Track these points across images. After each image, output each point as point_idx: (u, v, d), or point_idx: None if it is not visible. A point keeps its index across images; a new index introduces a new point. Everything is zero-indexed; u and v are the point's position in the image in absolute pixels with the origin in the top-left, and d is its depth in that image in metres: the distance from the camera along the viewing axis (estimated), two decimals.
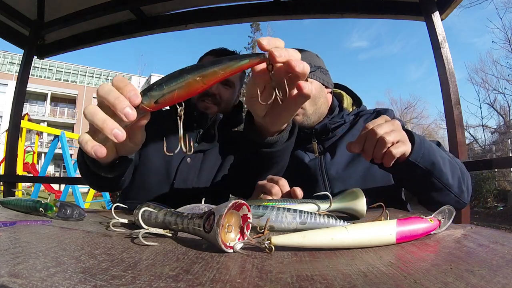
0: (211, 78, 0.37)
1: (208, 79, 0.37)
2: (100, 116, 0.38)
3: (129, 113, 0.37)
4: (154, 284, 0.22)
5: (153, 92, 0.38)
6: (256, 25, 20.88)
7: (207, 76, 0.37)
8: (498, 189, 8.78)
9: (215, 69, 0.37)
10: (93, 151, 0.38)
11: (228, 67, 0.37)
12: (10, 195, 2.11)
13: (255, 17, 2.07)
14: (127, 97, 0.38)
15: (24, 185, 10.01)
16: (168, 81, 0.38)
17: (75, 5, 2.03)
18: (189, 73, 0.37)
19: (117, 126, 0.37)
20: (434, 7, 1.64)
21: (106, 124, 0.37)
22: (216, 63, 0.37)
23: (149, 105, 0.38)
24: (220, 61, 0.38)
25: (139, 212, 0.38)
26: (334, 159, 0.90)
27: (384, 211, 0.44)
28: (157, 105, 0.38)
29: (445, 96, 1.58)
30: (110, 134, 0.37)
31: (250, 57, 0.39)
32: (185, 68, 0.38)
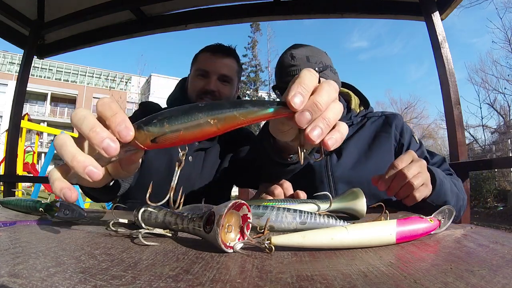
0: (228, 123, 0.30)
1: (223, 124, 0.30)
2: (69, 150, 0.31)
3: (109, 148, 0.30)
4: (154, 284, 0.22)
5: (152, 128, 0.31)
6: (256, 25, 20.88)
7: (224, 120, 0.30)
8: (498, 189, 8.78)
9: (235, 113, 0.30)
10: (62, 194, 0.31)
11: (250, 114, 0.30)
12: (10, 195, 2.11)
13: (255, 17, 2.08)
14: (116, 131, 0.30)
15: (24, 185, 10.01)
16: (173, 117, 0.30)
17: (75, 5, 2.03)
18: (202, 112, 0.30)
19: (91, 163, 0.30)
20: (434, 7, 1.65)
21: (77, 161, 0.30)
22: (236, 106, 0.30)
23: (144, 143, 0.31)
24: (241, 104, 0.31)
25: (139, 212, 0.38)
26: (340, 160, 0.90)
27: (384, 211, 0.44)
28: (154, 145, 0.31)
29: (445, 96, 1.58)
30: (83, 173, 0.30)
31: (277, 107, 0.32)
32: (198, 105, 0.31)
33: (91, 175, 0.30)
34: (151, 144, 0.31)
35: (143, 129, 0.31)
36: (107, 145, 0.30)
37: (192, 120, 0.30)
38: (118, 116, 0.31)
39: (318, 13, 1.99)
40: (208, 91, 0.99)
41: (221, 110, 0.30)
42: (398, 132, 0.93)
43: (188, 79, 1.09)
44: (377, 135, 0.94)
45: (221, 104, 0.31)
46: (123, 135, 0.30)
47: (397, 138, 0.93)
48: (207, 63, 1.02)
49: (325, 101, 0.32)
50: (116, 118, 0.31)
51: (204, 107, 0.30)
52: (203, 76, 1.01)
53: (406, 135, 0.92)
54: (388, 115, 0.98)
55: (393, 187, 0.62)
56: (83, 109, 0.33)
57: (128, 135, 0.30)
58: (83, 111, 0.33)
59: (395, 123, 0.94)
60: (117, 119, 0.31)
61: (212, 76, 1.01)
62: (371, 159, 0.89)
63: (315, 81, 0.33)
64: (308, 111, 0.31)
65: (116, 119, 0.31)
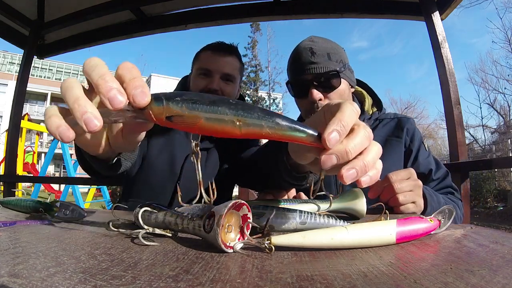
0: (252, 131, 0.28)
1: (247, 130, 0.28)
2: (74, 92, 0.29)
3: (115, 99, 0.27)
4: (154, 284, 0.22)
5: (172, 104, 0.28)
6: (256, 25, 20.88)
7: (249, 126, 0.28)
8: (498, 189, 8.78)
9: (263, 123, 0.28)
10: (57, 132, 0.28)
11: (278, 130, 0.29)
12: (10, 195, 2.11)
13: (255, 17, 2.08)
14: (131, 95, 0.28)
15: (24, 185, 10.01)
16: (199, 103, 0.28)
17: (75, 5, 2.03)
18: (231, 109, 0.28)
19: (93, 110, 0.27)
20: (434, 7, 1.65)
21: (78, 103, 0.28)
22: (266, 117, 0.28)
23: (158, 116, 0.29)
24: (272, 116, 0.29)
25: (139, 212, 0.38)
26: None
27: (384, 211, 0.44)
28: (167, 122, 0.29)
29: (445, 96, 1.58)
30: (80, 119, 0.27)
31: (309, 134, 0.30)
32: (229, 100, 0.29)
33: (88, 123, 0.27)
34: (164, 120, 0.29)
35: (162, 102, 0.29)
36: (113, 95, 0.27)
37: (218, 113, 0.28)
38: (137, 81, 0.29)
39: (318, 13, 1.99)
40: (211, 90, 0.97)
41: (251, 115, 0.28)
42: (409, 137, 0.90)
43: (190, 77, 1.07)
44: (388, 139, 0.91)
45: (253, 108, 0.29)
46: (138, 99, 0.28)
47: (407, 143, 0.90)
48: (209, 62, 1.01)
49: (356, 149, 0.30)
50: (135, 82, 0.29)
51: (235, 105, 0.28)
52: (206, 75, 1.00)
53: (416, 141, 0.89)
54: (400, 118, 0.94)
55: (382, 198, 0.63)
56: (98, 58, 0.31)
57: (142, 100, 0.28)
58: (98, 60, 0.31)
59: (407, 127, 0.91)
60: (135, 83, 0.28)
61: (214, 75, 0.99)
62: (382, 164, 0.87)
63: (355, 119, 0.31)
64: (335, 156, 0.30)
65: (134, 82, 0.29)
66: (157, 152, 0.95)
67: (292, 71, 0.91)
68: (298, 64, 0.87)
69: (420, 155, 0.87)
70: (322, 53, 0.85)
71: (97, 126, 0.27)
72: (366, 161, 0.31)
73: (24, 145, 9.28)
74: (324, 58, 0.84)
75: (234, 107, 0.28)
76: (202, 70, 1.00)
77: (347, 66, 0.88)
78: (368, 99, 0.99)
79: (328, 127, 0.29)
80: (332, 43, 0.90)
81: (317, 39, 0.90)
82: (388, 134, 0.92)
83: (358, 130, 0.31)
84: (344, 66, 0.86)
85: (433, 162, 0.87)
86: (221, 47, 1.04)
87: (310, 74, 0.84)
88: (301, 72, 0.86)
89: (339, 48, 0.90)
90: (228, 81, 1.01)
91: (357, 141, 0.30)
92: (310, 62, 0.84)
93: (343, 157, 0.30)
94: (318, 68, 0.84)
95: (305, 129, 0.30)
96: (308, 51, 0.85)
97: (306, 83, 0.85)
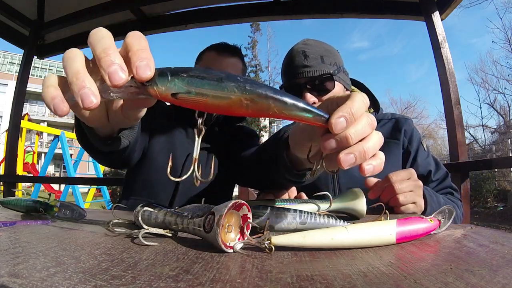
0: (260, 110, 0.27)
1: (255, 108, 0.27)
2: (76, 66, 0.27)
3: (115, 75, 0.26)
4: (154, 284, 0.22)
5: (178, 81, 0.27)
6: (256, 25, 20.88)
7: (257, 105, 0.27)
8: (498, 189, 8.79)
9: (271, 103, 0.27)
10: (52, 104, 0.27)
11: (286, 110, 0.28)
12: (10, 195, 2.12)
13: (255, 17, 2.08)
14: (134, 66, 0.26)
15: (24, 185, 10.01)
16: (206, 80, 0.27)
17: (75, 5, 2.03)
18: (239, 88, 0.27)
19: (91, 85, 0.26)
20: (434, 7, 1.65)
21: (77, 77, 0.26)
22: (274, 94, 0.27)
23: (163, 93, 0.27)
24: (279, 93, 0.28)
25: (139, 212, 0.38)
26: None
27: (384, 211, 0.44)
28: (172, 99, 0.28)
29: (445, 96, 1.58)
30: (77, 94, 0.26)
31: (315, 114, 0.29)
32: (236, 77, 0.27)
33: (84, 99, 0.26)
34: (170, 98, 0.27)
35: (168, 79, 0.27)
36: (114, 71, 0.26)
37: (225, 91, 0.27)
38: (144, 52, 0.27)
39: (318, 13, 1.99)
40: None
41: (259, 93, 0.27)
42: (407, 138, 0.90)
43: None
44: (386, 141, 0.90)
45: (261, 87, 0.27)
46: (141, 72, 0.26)
47: (405, 144, 0.89)
48: (213, 63, 1.00)
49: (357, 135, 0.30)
50: (141, 53, 0.27)
51: (243, 82, 0.27)
52: None
53: (414, 142, 0.89)
54: (398, 119, 0.93)
55: (382, 198, 0.63)
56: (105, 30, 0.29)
57: (145, 73, 0.26)
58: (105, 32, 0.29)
59: (405, 128, 0.91)
60: (141, 54, 0.27)
61: None
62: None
63: (364, 110, 0.31)
64: (335, 140, 0.30)
65: (140, 54, 0.27)
66: (158, 150, 0.95)
67: (286, 75, 0.90)
68: (291, 67, 0.87)
69: (418, 156, 0.87)
70: (315, 56, 0.84)
71: (93, 103, 0.26)
72: (366, 147, 0.31)
73: (24, 145, 9.28)
74: (317, 61, 0.84)
75: (242, 84, 0.27)
76: None
77: (341, 69, 0.87)
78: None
79: (337, 111, 0.29)
80: (326, 45, 0.90)
81: (311, 41, 0.89)
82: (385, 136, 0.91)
83: (361, 117, 0.31)
84: (338, 68, 0.86)
85: (432, 163, 0.87)
86: (225, 48, 1.03)
87: (303, 78, 0.84)
88: (294, 76, 0.86)
89: (333, 51, 0.90)
90: None
91: (358, 127, 0.30)
92: (303, 65, 0.84)
93: (343, 141, 0.30)
94: (311, 71, 0.83)
95: (312, 109, 0.29)
96: (301, 54, 0.85)
97: (300, 87, 0.85)
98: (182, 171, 0.94)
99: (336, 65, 0.86)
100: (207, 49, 1.05)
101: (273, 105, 0.27)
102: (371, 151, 0.31)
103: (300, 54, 0.85)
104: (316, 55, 0.85)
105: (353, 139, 0.30)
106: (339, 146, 0.30)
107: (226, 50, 1.02)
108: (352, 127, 0.30)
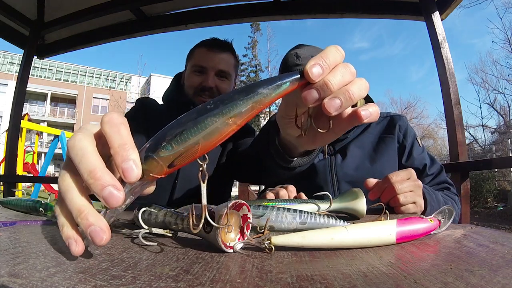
0: (247, 116, 0.27)
1: (242, 119, 0.27)
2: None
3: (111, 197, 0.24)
4: (154, 284, 0.22)
5: (164, 152, 0.26)
6: (256, 25, 20.87)
7: (241, 115, 0.27)
8: (498, 189, 8.78)
9: (251, 103, 0.27)
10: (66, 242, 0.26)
11: (266, 98, 0.28)
12: (10, 195, 2.11)
13: (255, 17, 2.08)
14: (120, 169, 0.24)
15: (24, 185, 10.01)
16: (186, 131, 0.26)
17: (75, 5, 2.03)
18: (216, 115, 0.26)
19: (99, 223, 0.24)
20: (434, 7, 1.65)
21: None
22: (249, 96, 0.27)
23: (160, 172, 0.26)
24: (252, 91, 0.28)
25: (139, 212, 0.38)
26: (344, 161, 0.90)
27: (384, 211, 0.44)
28: (172, 169, 0.27)
29: (445, 96, 1.58)
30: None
31: (291, 80, 0.29)
32: (207, 107, 0.26)
33: (94, 237, 0.24)
34: (168, 170, 0.27)
35: (154, 158, 0.26)
36: (108, 194, 0.24)
37: (208, 126, 0.26)
38: (126, 149, 0.25)
39: (318, 13, 1.99)
40: (205, 87, 0.97)
41: (236, 105, 0.27)
42: (401, 134, 0.93)
43: (184, 75, 1.06)
44: (381, 137, 0.93)
45: (232, 98, 0.27)
46: (128, 175, 0.24)
47: (400, 139, 0.92)
48: (203, 59, 1.00)
49: (337, 81, 0.29)
50: (124, 152, 0.25)
51: (216, 108, 0.26)
52: (200, 72, 0.99)
53: (409, 138, 0.92)
54: (393, 116, 0.97)
55: (382, 198, 0.64)
56: (81, 136, 0.27)
57: (132, 174, 0.24)
58: (82, 141, 0.26)
59: (399, 124, 0.94)
60: (124, 153, 0.25)
61: (209, 72, 0.99)
62: (376, 161, 0.89)
63: (339, 59, 0.30)
64: (315, 89, 0.29)
65: (123, 152, 0.25)
66: None
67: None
68: (284, 68, 0.93)
69: (414, 151, 0.90)
70: (306, 56, 0.90)
71: (104, 240, 0.24)
72: (351, 90, 0.30)
73: (24, 145, 9.28)
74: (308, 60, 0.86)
75: (217, 110, 0.26)
76: (197, 67, 1.00)
77: None
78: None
79: (309, 62, 0.29)
80: (319, 48, 0.95)
81: (303, 45, 0.95)
82: (381, 132, 0.95)
83: (339, 65, 0.30)
84: None
85: (427, 157, 0.89)
86: (215, 44, 1.03)
87: None
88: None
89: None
90: (223, 77, 1.01)
91: (337, 73, 0.29)
92: (295, 64, 0.90)
93: (323, 89, 0.29)
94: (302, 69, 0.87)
95: (286, 78, 0.29)
96: (294, 55, 0.91)
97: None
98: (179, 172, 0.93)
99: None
100: (198, 46, 1.05)
101: (254, 104, 0.27)
102: (356, 94, 0.30)
103: (293, 56, 0.92)
104: (307, 55, 0.90)
105: (333, 85, 0.29)
106: (321, 95, 0.29)
107: (217, 46, 1.02)
108: (330, 74, 0.29)
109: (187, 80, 1.02)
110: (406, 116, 7.59)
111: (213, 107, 0.26)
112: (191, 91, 1.00)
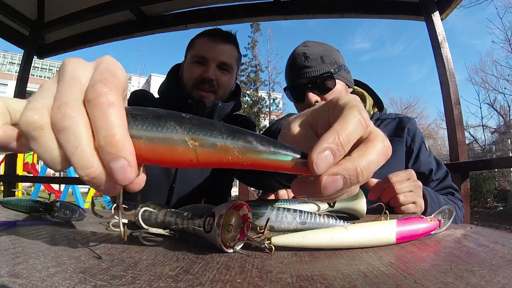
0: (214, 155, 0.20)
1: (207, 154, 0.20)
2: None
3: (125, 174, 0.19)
4: (154, 284, 0.22)
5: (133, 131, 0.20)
6: (256, 25, 20.87)
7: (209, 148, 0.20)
8: (498, 189, 8.79)
9: (230, 144, 0.20)
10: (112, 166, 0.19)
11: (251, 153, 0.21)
12: (10, 195, 2.11)
13: (255, 17, 2.08)
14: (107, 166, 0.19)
15: (24, 185, 10.01)
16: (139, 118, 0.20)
17: (75, 5, 2.03)
18: (182, 125, 0.20)
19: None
20: (434, 7, 1.65)
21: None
22: (235, 135, 0.21)
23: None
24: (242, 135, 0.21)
25: (139, 212, 0.38)
26: None
27: (384, 211, 0.44)
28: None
29: (445, 96, 1.58)
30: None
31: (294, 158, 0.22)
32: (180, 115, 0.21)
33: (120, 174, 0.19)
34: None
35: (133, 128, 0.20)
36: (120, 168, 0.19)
37: (164, 131, 0.20)
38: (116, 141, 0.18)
39: (318, 13, 1.99)
40: (205, 79, 0.92)
41: (211, 132, 0.20)
42: (410, 137, 0.91)
43: (183, 66, 1.01)
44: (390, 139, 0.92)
45: (213, 124, 0.21)
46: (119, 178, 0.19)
47: (408, 143, 0.91)
48: (205, 49, 0.94)
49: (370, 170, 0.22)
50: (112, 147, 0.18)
51: (187, 120, 0.20)
52: (201, 63, 0.93)
53: (417, 141, 0.90)
54: (402, 118, 0.95)
55: (382, 198, 0.64)
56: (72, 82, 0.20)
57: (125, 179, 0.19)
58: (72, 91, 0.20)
59: (408, 126, 0.92)
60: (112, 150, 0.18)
61: (210, 64, 0.93)
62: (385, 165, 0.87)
63: (361, 131, 0.23)
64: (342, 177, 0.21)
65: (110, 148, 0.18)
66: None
67: (288, 76, 0.94)
68: (293, 69, 0.90)
69: (421, 155, 0.88)
70: (315, 57, 0.87)
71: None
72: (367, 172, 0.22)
73: None
74: (317, 62, 0.87)
75: (187, 123, 0.20)
76: (197, 57, 0.94)
77: (342, 67, 0.89)
78: (369, 100, 0.99)
79: (318, 146, 0.21)
80: (326, 45, 0.92)
81: (311, 43, 0.92)
82: (389, 134, 0.93)
83: (375, 142, 0.23)
84: (338, 67, 0.88)
85: (434, 162, 0.88)
86: (218, 34, 0.98)
87: (305, 78, 0.87)
88: (296, 77, 0.89)
89: (333, 50, 0.92)
90: (225, 70, 0.96)
91: (371, 158, 0.22)
92: (304, 66, 0.87)
93: (351, 179, 0.22)
94: (312, 71, 0.86)
95: (290, 152, 0.22)
96: (302, 56, 0.88)
97: (302, 87, 0.88)
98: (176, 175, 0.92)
99: (336, 64, 0.88)
100: (200, 35, 1.00)
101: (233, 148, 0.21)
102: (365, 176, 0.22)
103: (301, 56, 0.88)
104: (316, 56, 0.87)
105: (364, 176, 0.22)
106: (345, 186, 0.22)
107: (220, 36, 0.98)
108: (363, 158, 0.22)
109: (186, 71, 0.97)
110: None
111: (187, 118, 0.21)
112: (190, 83, 0.95)
